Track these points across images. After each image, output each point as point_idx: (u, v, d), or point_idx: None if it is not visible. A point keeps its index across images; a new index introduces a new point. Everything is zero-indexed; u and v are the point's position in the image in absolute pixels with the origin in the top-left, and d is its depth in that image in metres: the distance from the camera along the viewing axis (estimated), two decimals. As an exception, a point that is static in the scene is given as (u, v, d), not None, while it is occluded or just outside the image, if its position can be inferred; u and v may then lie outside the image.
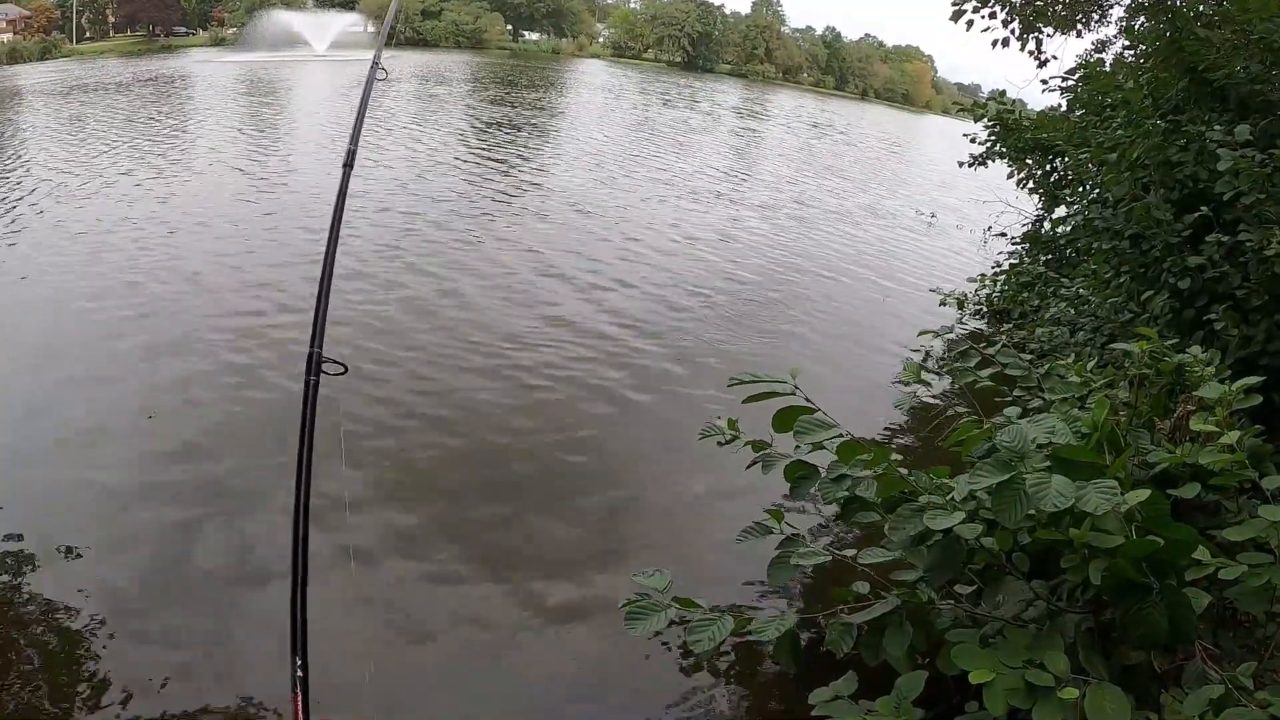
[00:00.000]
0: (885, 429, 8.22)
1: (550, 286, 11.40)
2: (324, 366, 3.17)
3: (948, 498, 3.30)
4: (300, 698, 2.55)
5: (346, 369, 3.21)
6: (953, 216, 22.64)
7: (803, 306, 12.31)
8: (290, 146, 21.60)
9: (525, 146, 23.74)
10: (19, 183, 15.60)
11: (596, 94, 47.62)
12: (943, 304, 10.48)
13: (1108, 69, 11.77)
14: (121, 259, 11.19)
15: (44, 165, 17.13)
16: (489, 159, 21.31)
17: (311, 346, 3.19)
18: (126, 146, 19.45)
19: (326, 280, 3.46)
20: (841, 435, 3.68)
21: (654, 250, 14.26)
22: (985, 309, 11.91)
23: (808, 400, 3.84)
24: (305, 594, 2.76)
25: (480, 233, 14.15)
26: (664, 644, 4.79)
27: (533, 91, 41.21)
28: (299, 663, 2.58)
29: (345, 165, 3.97)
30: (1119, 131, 7.88)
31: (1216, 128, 6.70)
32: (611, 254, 13.74)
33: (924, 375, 6.14)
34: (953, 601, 3.81)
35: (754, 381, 3.79)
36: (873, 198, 24.78)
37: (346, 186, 3.87)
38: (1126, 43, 11.63)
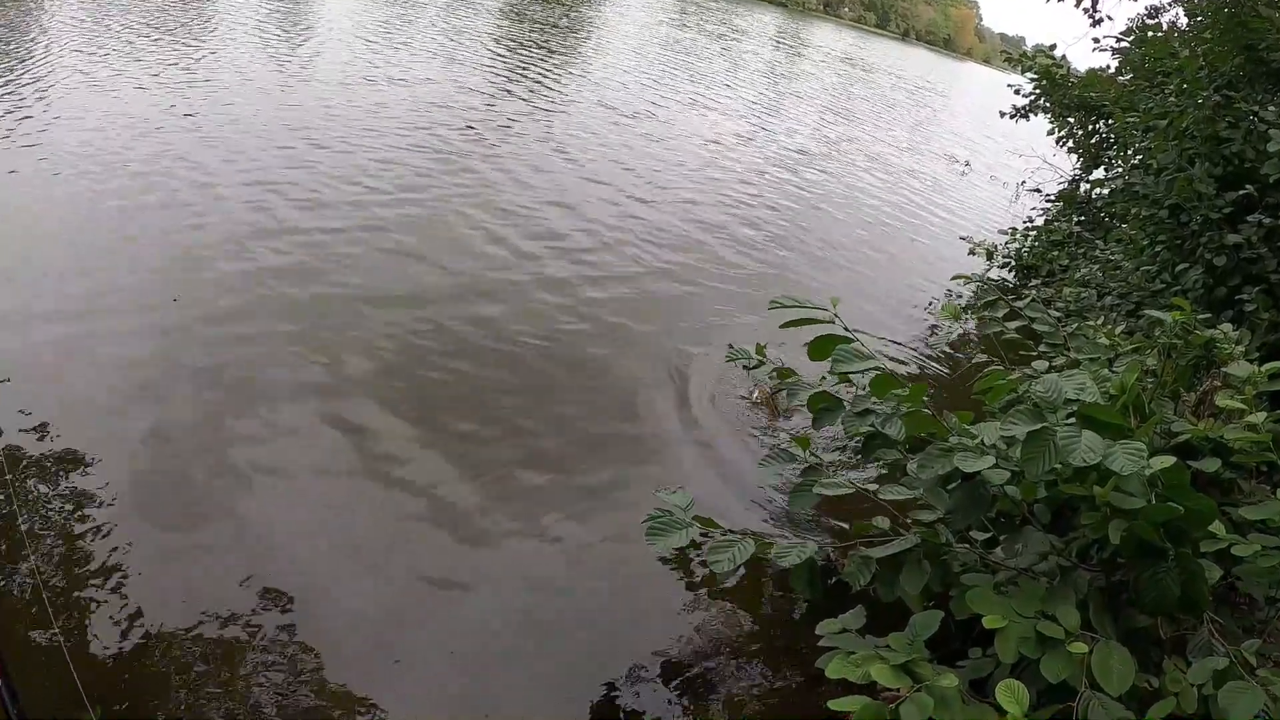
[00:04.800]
0: (900, 368, 8.19)
1: (562, 220, 10.56)
2: None
3: (976, 442, 3.30)
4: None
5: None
6: (986, 167, 22.33)
7: (828, 245, 12.18)
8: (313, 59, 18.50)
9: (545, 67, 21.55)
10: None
11: (626, 11, 45.71)
12: (971, 253, 10.38)
13: (1161, 35, 11.55)
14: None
15: None
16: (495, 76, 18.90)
17: None
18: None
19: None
20: (879, 368, 3.66)
21: (674, 180, 13.80)
22: (1014, 263, 11.75)
23: (847, 330, 3.81)
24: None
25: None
26: (673, 565, 4.78)
27: (554, 8, 39.19)
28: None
29: None
30: (1170, 100, 7.77)
31: (1271, 109, 6.61)
32: (642, 172, 13.38)
33: (945, 321, 6.14)
34: (968, 546, 3.84)
35: (795, 306, 3.73)
36: (904, 141, 24.40)
37: None
38: (1183, 11, 11.37)
